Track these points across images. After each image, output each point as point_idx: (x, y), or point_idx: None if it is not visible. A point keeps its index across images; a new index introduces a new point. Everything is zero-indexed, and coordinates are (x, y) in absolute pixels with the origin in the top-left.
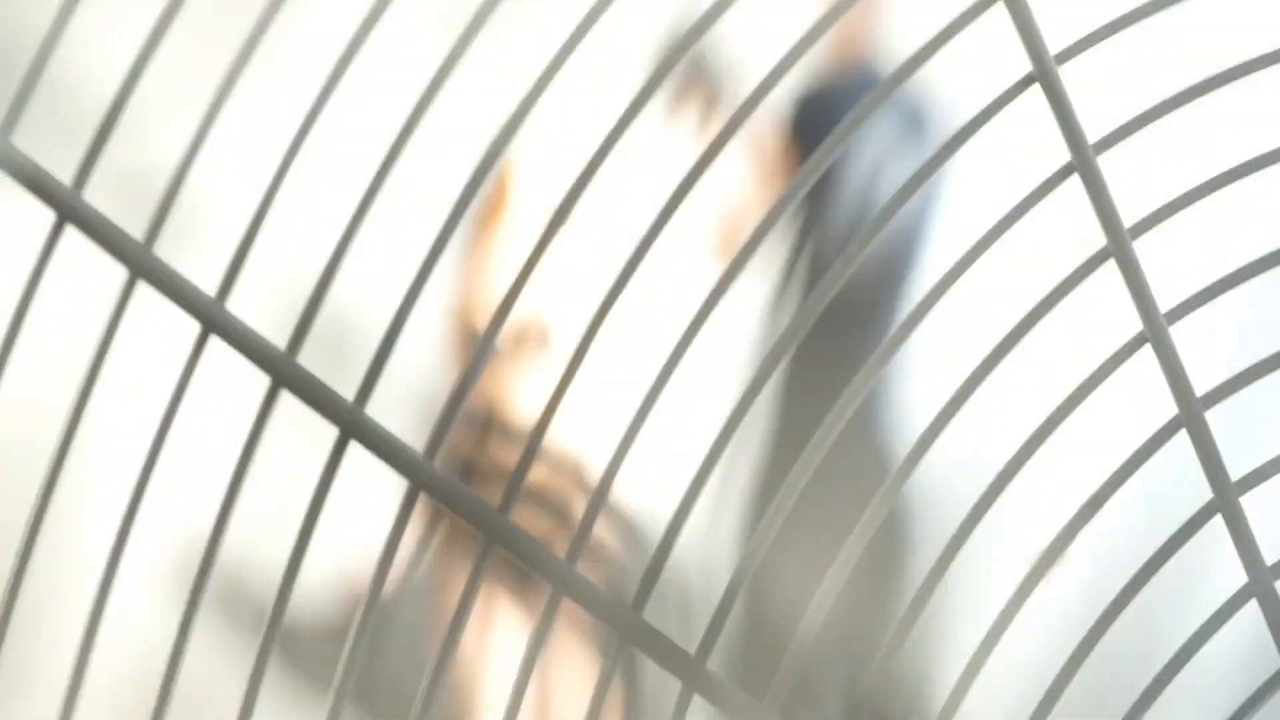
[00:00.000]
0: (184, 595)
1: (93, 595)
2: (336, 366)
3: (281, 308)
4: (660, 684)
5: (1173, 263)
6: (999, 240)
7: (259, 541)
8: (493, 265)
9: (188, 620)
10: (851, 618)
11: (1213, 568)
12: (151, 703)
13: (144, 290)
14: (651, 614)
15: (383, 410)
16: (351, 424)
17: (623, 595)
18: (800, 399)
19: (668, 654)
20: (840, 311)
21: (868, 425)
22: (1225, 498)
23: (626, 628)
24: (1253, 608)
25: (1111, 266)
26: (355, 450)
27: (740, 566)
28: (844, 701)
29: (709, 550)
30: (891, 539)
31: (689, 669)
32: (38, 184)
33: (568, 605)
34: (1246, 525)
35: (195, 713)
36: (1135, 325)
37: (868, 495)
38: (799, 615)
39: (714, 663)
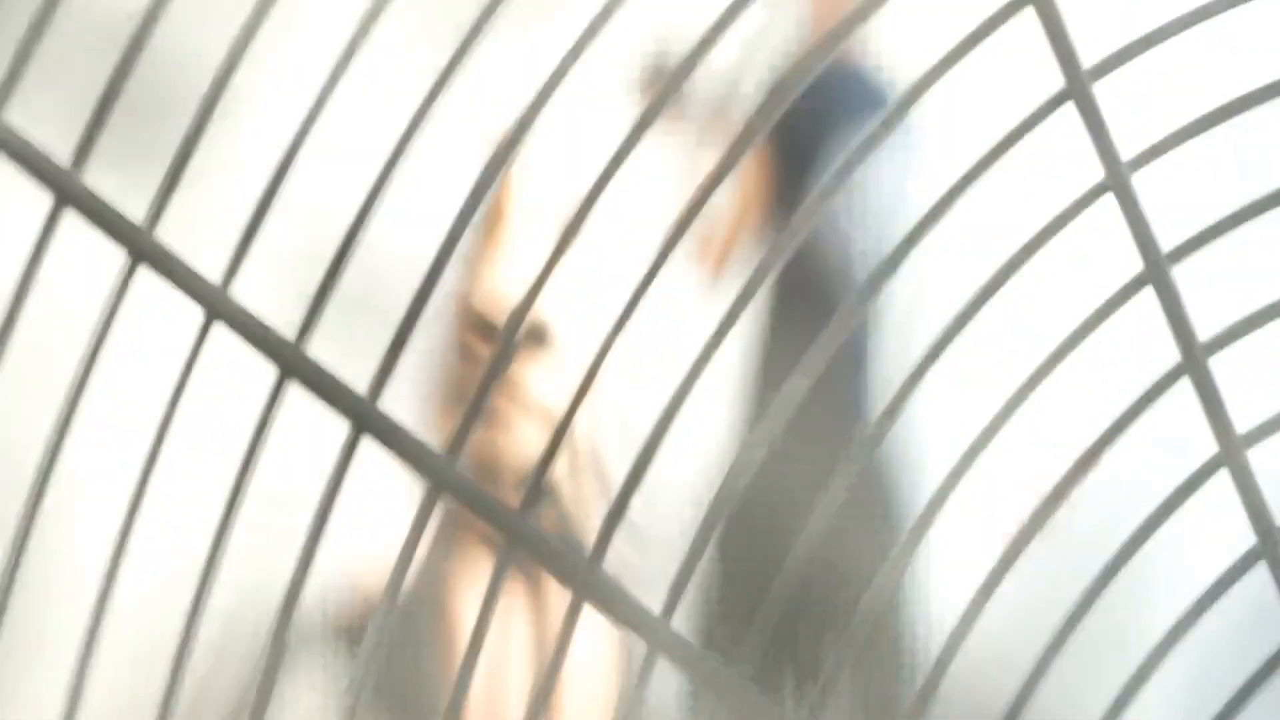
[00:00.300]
0: (187, 598)
1: (94, 595)
2: (344, 356)
3: (289, 294)
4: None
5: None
6: (994, 171)
7: (265, 540)
8: (498, 252)
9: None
10: (831, 577)
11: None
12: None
13: (145, 276)
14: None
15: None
16: (365, 418)
17: (582, 549)
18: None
19: (630, 613)
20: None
21: (847, 387)
22: (1193, 360)
23: (583, 585)
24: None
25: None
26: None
27: (706, 519)
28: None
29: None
30: (874, 502)
31: (652, 628)
32: (34, 164)
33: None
34: (1216, 392)
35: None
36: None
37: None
38: (773, 574)
39: (705, 635)
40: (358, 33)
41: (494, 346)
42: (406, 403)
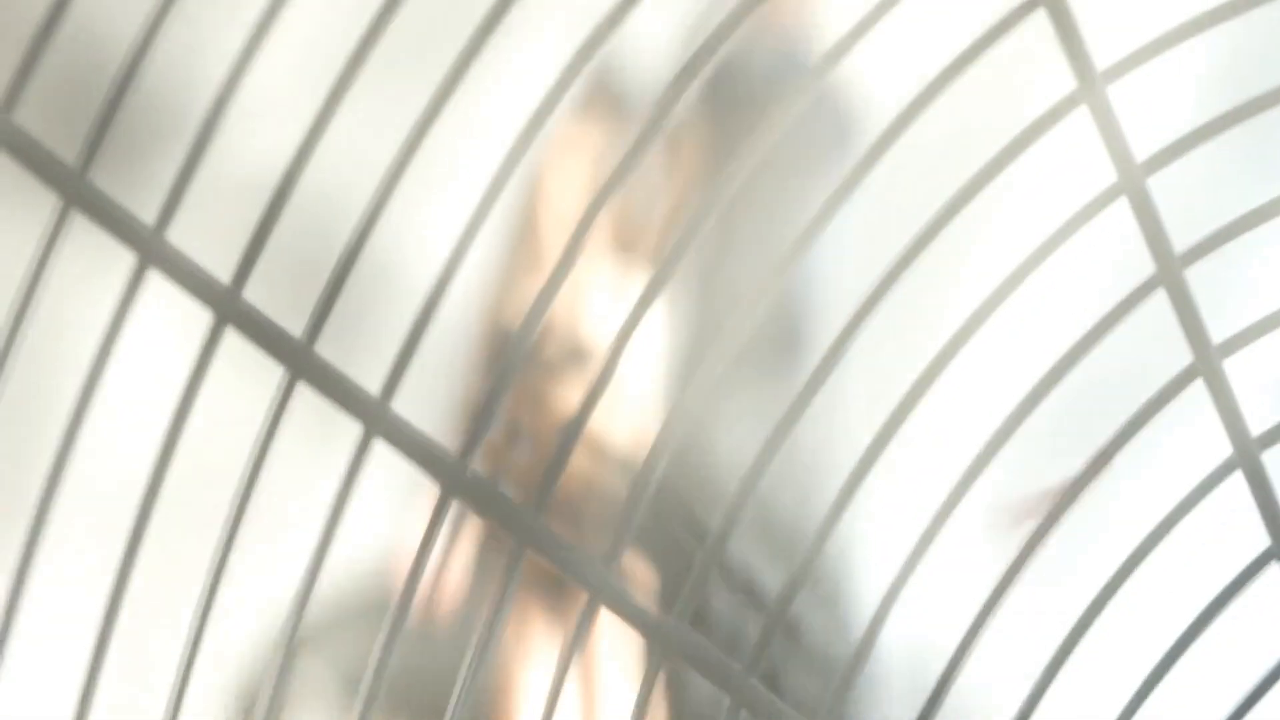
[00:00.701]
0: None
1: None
2: (355, 358)
3: (298, 295)
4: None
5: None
6: (1005, 173)
7: (272, 544)
8: (532, 271)
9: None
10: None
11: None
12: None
13: (154, 278)
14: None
15: (409, 407)
16: (374, 418)
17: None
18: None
19: (640, 614)
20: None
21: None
22: (1207, 361)
23: (598, 585)
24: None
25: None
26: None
27: (719, 526)
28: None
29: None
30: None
31: (660, 629)
32: (41, 165)
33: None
34: (1229, 391)
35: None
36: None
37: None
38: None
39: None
40: (368, 31)
41: (527, 367)
42: (433, 414)
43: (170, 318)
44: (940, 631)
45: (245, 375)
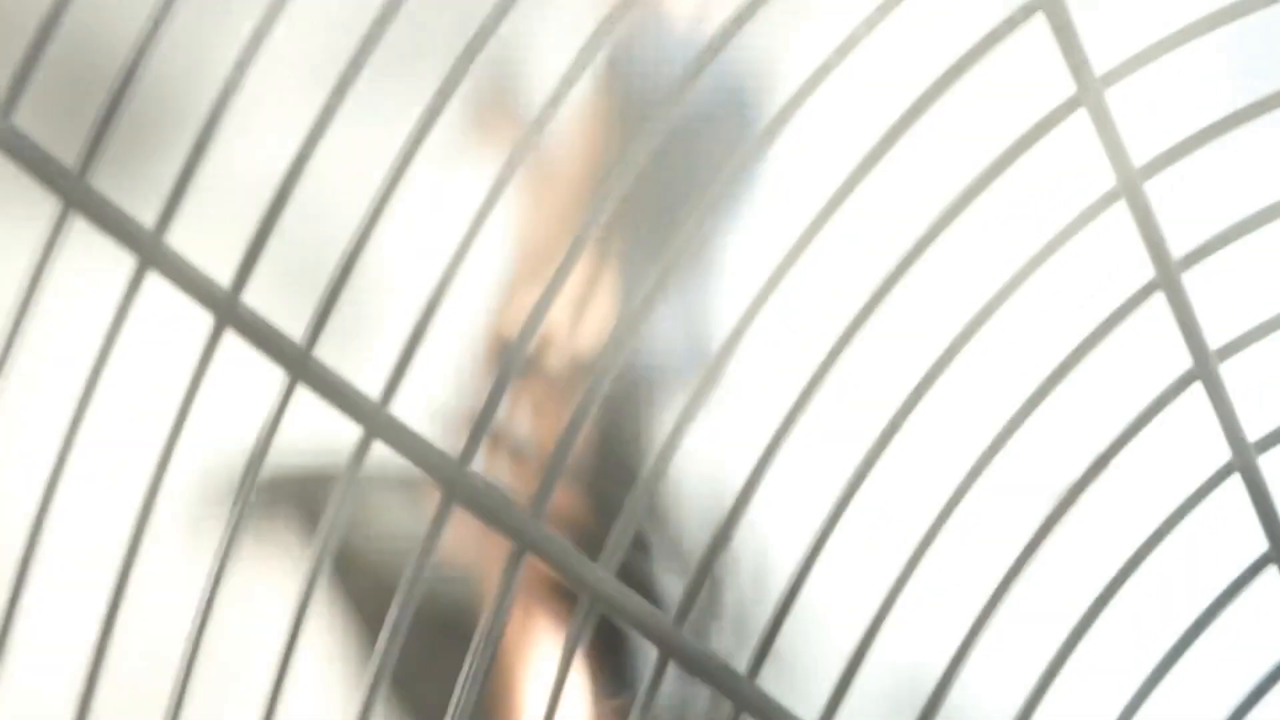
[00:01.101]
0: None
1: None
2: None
3: (298, 299)
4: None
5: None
6: (1003, 177)
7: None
8: (535, 281)
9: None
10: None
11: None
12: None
13: (154, 281)
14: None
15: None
16: (373, 422)
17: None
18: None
19: (643, 618)
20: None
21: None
22: (1204, 365)
23: (596, 590)
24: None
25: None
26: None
27: (716, 537)
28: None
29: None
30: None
31: (664, 633)
32: (42, 169)
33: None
34: (1228, 398)
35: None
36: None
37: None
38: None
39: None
40: (368, 36)
41: (528, 378)
42: (433, 418)
43: (170, 321)
44: (936, 637)
45: (245, 378)
